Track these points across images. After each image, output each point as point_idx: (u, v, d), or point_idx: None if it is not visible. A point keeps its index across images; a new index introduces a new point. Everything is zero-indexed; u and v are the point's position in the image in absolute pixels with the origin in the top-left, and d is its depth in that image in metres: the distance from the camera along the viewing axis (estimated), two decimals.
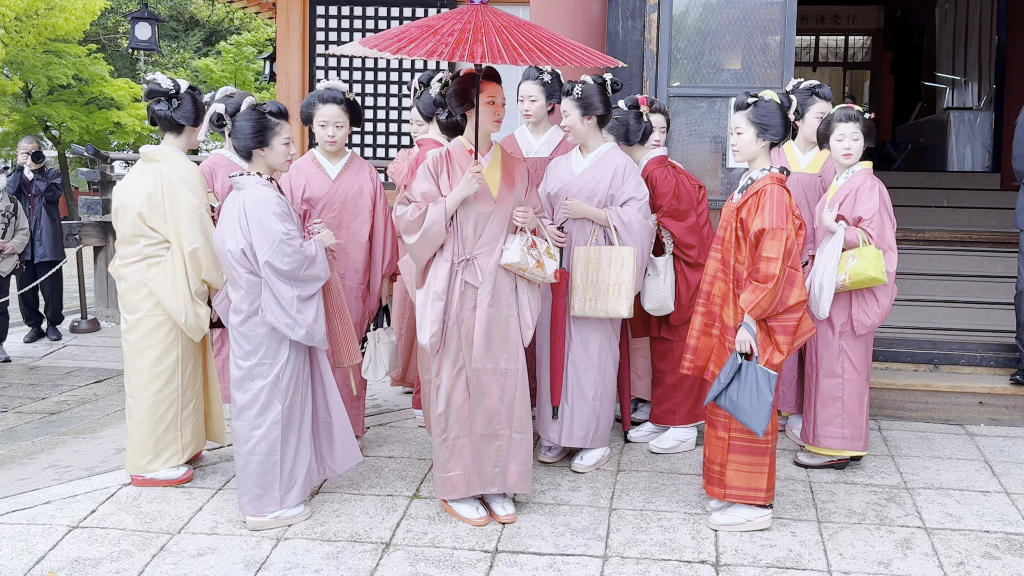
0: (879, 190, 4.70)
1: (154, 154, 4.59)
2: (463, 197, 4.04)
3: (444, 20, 3.81)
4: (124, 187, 4.57)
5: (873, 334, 4.84)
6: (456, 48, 3.60)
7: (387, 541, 4.00)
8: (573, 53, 3.82)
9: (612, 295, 4.52)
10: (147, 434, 4.53)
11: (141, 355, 4.53)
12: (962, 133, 11.13)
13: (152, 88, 4.56)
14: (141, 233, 4.48)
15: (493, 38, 3.66)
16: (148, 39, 12.22)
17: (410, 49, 3.64)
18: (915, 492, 4.59)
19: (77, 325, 9.80)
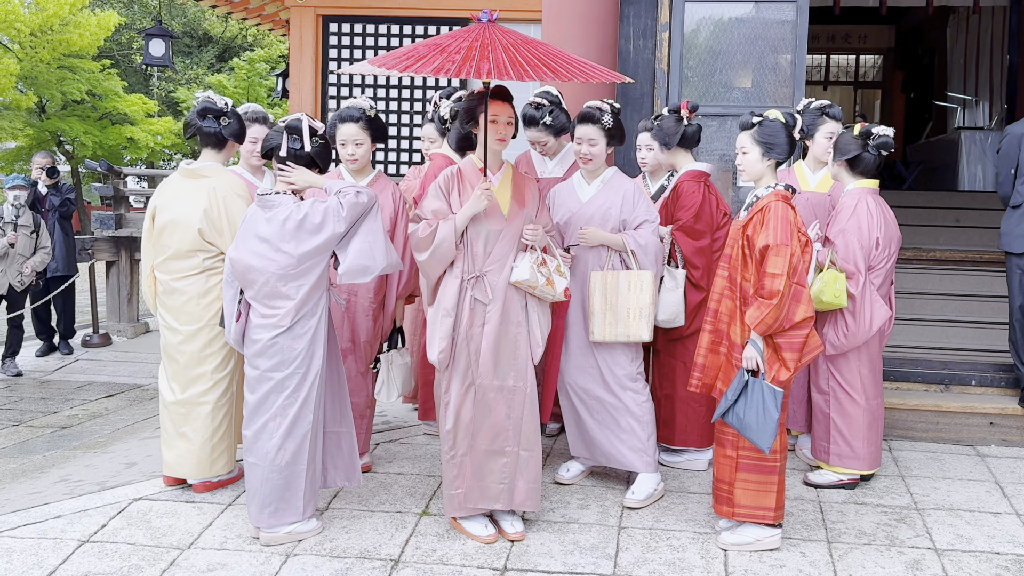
0: (857, 210, 4.73)
1: (201, 170, 4.68)
2: (472, 214, 4.06)
3: (452, 38, 3.85)
4: (169, 203, 4.66)
5: (871, 355, 4.84)
6: (463, 65, 3.64)
7: (396, 558, 4.01)
8: (579, 69, 3.85)
9: (633, 319, 4.49)
10: (206, 440, 4.64)
11: (201, 364, 4.62)
12: (973, 153, 11.12)
13: (207, 106, 4.67)
14: (200, 248, 4.58)
15: (500, 55, 3.69)
16: (162, 55, 12.31)
17: (417, 67, 3.69)
18: (925, 513, 4.58)
19: (89, 339, 9.85)
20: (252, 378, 4.15)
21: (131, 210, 10.75)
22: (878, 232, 4.71)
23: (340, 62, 9.08)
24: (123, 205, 10.50)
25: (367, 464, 4.99)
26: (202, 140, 4.70)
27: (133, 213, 10.63)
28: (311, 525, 4.19)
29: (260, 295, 4.09)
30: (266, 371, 4.10)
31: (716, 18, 6.15)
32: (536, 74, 3.66)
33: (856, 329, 4.70)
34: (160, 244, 4.67)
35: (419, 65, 3.70)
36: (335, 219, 4.01)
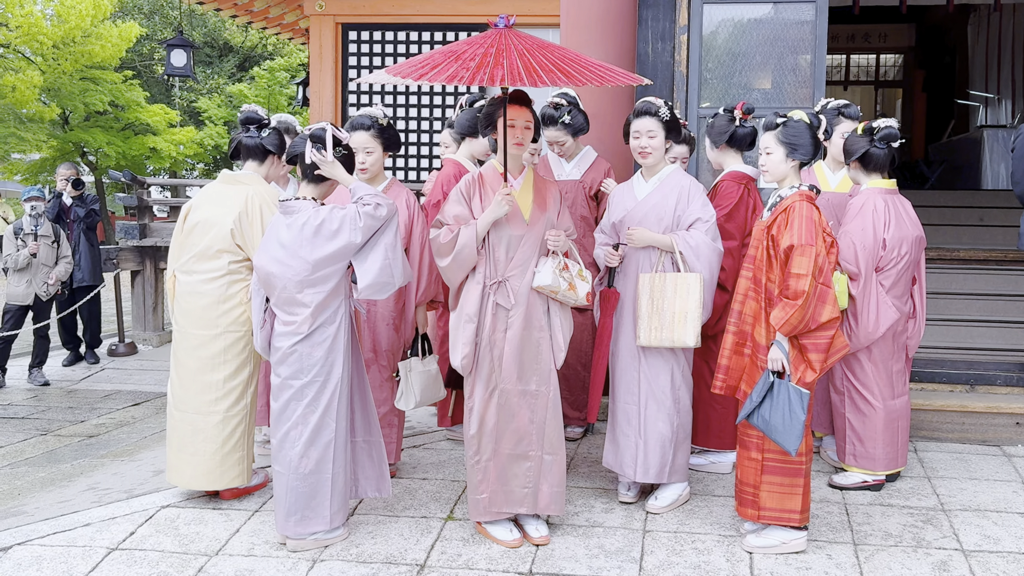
0: (863, 211, 4.75)
1: (241, 178, 4.73)
2: (494, 219, 4.08)
3: (468, 45, 3.87)
4: (202, 204, 4.69)
5: (884, 356, 4.82)
6: (477, 72, 3.67)
7: (422, 563, 4.03)
8: (595, 72, 3.85)
9: (678, 323, 4.38)
10: (216, 449, 4.61)
11: (214, 371, 4.60)
12: (996, 151, 11.04)
13: (250, 115, 4.76)
14: (228, 249, 4.59)
15: (514, 61, 3.70)
16: (184, 65, 12.41)
17: (432, 75, 3.71)
18: (952, 514, 4.55)
19: (115, 349, 9.93)
20: (275, 386, 4.19)
21: (155, 219, 10.84)
22: (885, 233, 4.69)
23: (360, 69, 9.13)
24: (147, 215, 10.58)
25: (393, 470, 5.00)
26: (244, 153, 4.76)
27: (157, 223, 10.71)
28: (338, 532, 4.22)
29: (280, 302, 4.12)
30: (286, 379, 4.13)
31: (735, 20, 6.14)
32: (550, 79, 3.67)
33: (859, 330, 4.70)
34: (188, 243, 4.67)
35: (434, 73, 3.73)
36: (352, 228, 4.03)
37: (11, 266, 8.55)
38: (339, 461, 4.17)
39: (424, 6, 8.92)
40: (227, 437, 4.63)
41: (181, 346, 4.68)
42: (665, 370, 4.54)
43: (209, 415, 4.61)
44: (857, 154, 4.76)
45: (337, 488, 4.17)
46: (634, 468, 4.57)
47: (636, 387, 4.56)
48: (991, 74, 12.40)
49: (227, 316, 4.59)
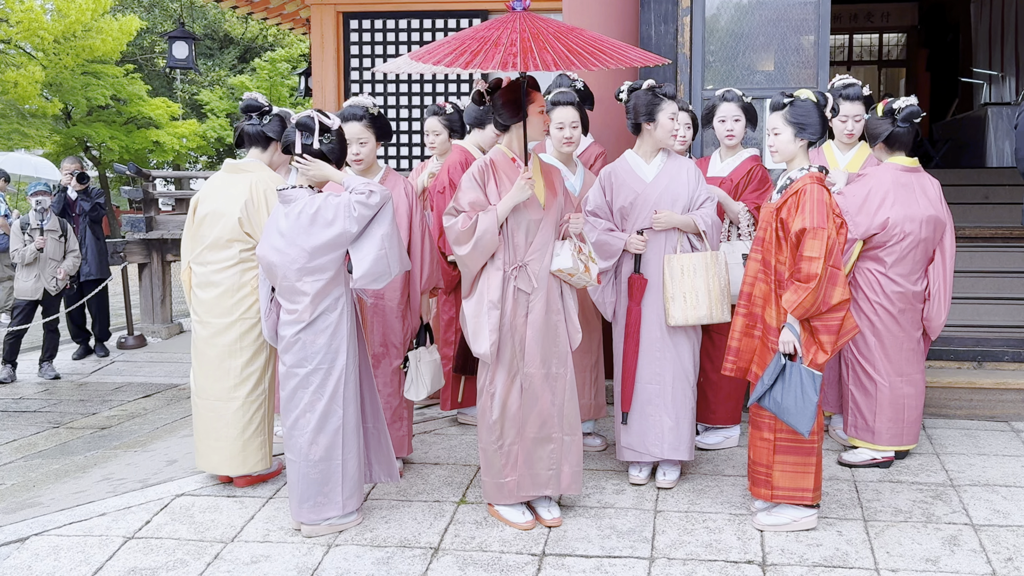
0: (863, 181, 4.88)
1: (244, 166, 4.77)
2: (514, 204, 4.07)
3: (491, 29, 3.82)
4: (210, 194, 4.73)
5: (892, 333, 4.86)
6: (526, 56, 3.64)
7: (435, 546, 4.06)
8: (620, 54, 3.87)
9: (715, 301, 4.50)
10: (237, 435, 4.68)
11: (232, 358, 4.67)
12: (1000, 128, 11.01)
13: (250, 103, 4.78)
14: (237, 238, 4.64)
15: (549, 44, 3.72)
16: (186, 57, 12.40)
17: (476, 61, 3.65)
18: (961, 489, 4.57)
19: (124, 341, 9.97)
20: (282, 374, 4.23)
21: (160, 212, 10.86)
22: (886, 210, 4.72)
23: (362, 58, 9.12)
24: (153, 208, 10.61)
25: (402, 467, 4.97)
26: (247, 141, 4.79)
27: (163, 216, 10.74)
28: (351, 517, 4.25)
29: (282, 290, 4.16)
30: (291, 367, 4.16)
31: (737, 1, 6.13)
32: (581, 62, 3.69)
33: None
34: (199, 235, 4.72)
35: (476, 60, 3.66)
36: (347, 216, 4.03)
37: (18, 261, 8.59)
38: (350, 447, 4.20)
39: None
40: (247, 423, 4.70)
41: (199, 335, 4.75)
42: (688, 348, 4.65)
43: (229, 402, 4.68)
44: (882, 136, 4.79)
45: (349, 473, 4.20)
46: (661, 447, 4.62)
47: (661, 367, 4.61)
48: (995, 52, 12.36)
49: (242, 304, 4.65)
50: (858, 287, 4.85)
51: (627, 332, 4.64)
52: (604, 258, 4.61)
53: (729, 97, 5.10)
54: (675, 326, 4.57)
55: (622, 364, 4.68)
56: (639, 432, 4.65)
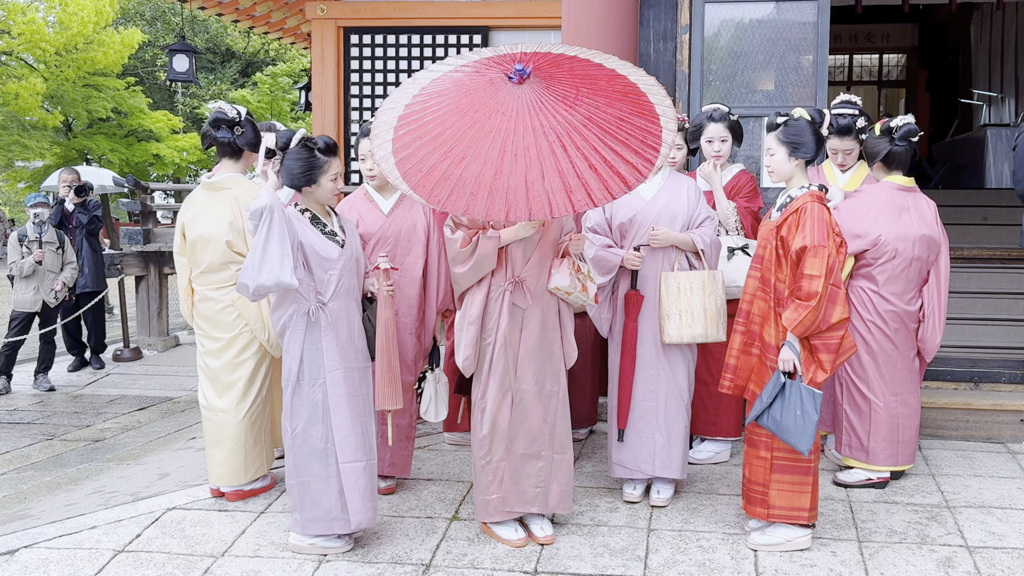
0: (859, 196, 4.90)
1: (223, 183, 4.75)
2: (518, 238, 4.05)
3: (480, 134, 3.53)
4: (196, 218, 4.74)
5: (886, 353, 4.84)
6: (489, 207, 3.43)
7: (427, 563, 4.03)
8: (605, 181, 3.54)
9: (710, 319, 4.48)
10: (240, 447, 4.71)
11: (234, 371, 4.72)
12: (999, 150, 11.01)
13: (218, 116, 4.71)
14: (230, 260, 4.67)
15: (520, 181, 3.44)
16: (186, 71, 12.42)
17: (442, 199, 3.48)
18: (956, 511, 4.55)
19: (120, 354, 9.94)
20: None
21: (159, 225, 10.85)
22: (877, 227, 4.71)
23: (362, 73, 9.13)
24: (151, 220, 10.60)
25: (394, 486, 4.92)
26: (219, 151, 4.76)
27: (161, 228, 10.72)
28: (337, 544, 4.15)
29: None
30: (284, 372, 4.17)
31: (736, 19, 6.14)
32: (575, 205, 3.46)
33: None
34: (194, 259, 4.77)
35: (445, 194, 3.48)
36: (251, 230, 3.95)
37: (16, 273, 8.58)
38: (313, 469, 4.08)
39: (426, 9, 8.93)
40: (249, 433, 4.74)
41: (205, 349, 4.79)
42: (683, 367, 4.63)
43: (235, 413, 4.71)
44: (880, 156, 4.79)
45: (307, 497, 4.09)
46: (652, 464, 4.60)
47: (655, 385, 4.60)
48: (994, 73, 12.38)
49: (242, 319, 4.70)
50: (852, 306, 4.84)
51: (623, 349, 4.63)
52: (601, 273, 4.59)
53: (716, 117, 5.09)
54: (670, 344, 4.55)
55: (618, 381, 4.65)
56: (631, 449, 4.63)
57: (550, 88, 3.62)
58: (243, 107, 4.81)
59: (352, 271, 4.15)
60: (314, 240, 4.04)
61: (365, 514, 4.10)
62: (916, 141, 4.81)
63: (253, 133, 4.75)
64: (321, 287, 4.06)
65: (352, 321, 4.14)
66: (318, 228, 4.11)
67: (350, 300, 4.15)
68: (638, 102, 3.73)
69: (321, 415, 4.07)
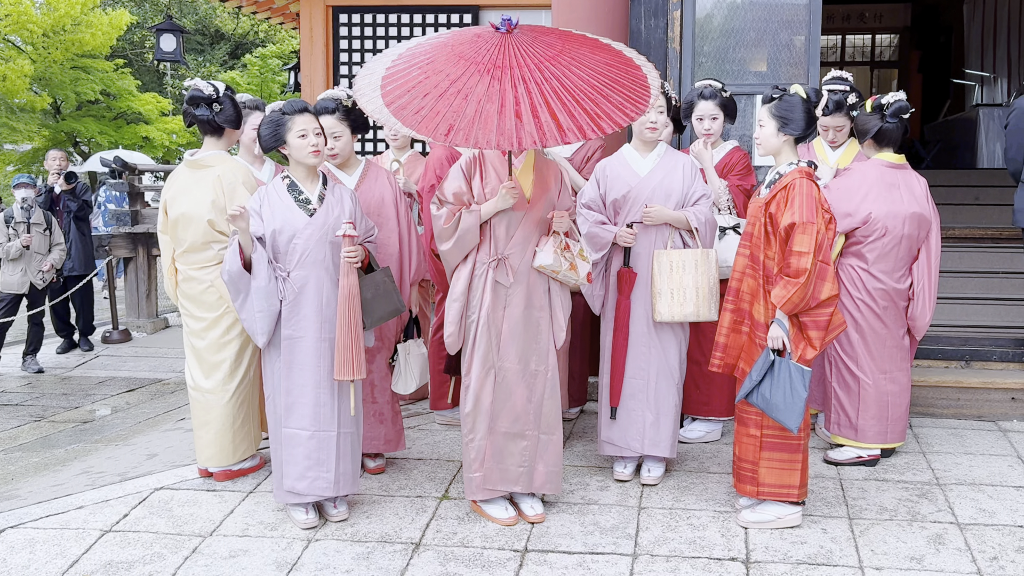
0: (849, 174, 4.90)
1: (206, 160, 4.68)
2: (497, 210, 4.02)
3: (465, 65, 3.60)
4: (178, 196, 4.68)
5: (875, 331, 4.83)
6: (471, 130, 3.44)
7: (417, 541, 4.01)
8: (595, 118, 3.57)
9: (702, 298, 4.45)
10: (228, 428, 4.68)
11: (221, 351, 4.67)
12: (992, 130, 11.00)
13: (194, 94, 4.63)
14: (213, 239, 4.62)
15: (508, 111, 3.47)
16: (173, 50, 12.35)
17: (421, 121, 3.50)
18: (947, 488, 4.54)
19: (109, 336, 9.89)
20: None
21: (147, 206, 10.79)
22: (868, 205, 4.69)
23: (351, 53, 9.05)
24: (139, 202, 10.54)
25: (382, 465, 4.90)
26: (200, 129, 4.69)
27: (149, 210, 10.66)
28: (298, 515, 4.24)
29: None
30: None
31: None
32: (541, 139, 3.45)
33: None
34: (177, 237, 4.71)
35: (426, 119, 3.51)
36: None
37: (3, 255, 8.52)
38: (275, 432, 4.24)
39: None
40: (236, 413, 4.70)
41: (191, 329, 4.74)
42: (674, 345, 4.60)
43: (221, 393, 4.67)
44: (871, 133, 4.77)
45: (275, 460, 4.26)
46: (641, 442, 4.59)
47: (646, 363, 4.57)
48: (987, 53, 12.35)
49: (225, 298, 4.61)
50: (841, 283, 4.81)
51: (616, 326, 4.60)
52: (594, 250, 4.57)
53: (707, 94, 5.04)
54: (662, 322, 4.53)
55: (610, 359, 4.63)
56: (621, 427, 4.62)
57: (537, 39, 3.75)
58: (222, 83, 4.71)
59: (324, 241, 4.12)
60: (277, 215, 4.10)
61: (298, 482, 4.13)
62: (907, 118, 4.79)
63: (233, 110, 4.66)
64: (283, 258, 4.09)
65: (323, 291, 4.13)
66: (293, 195, 4.12)
67: (320, 270, 4.13)
68: (620, 57, 3.89)
69: (280, 382, 4.15)
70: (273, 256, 4.10)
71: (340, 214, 4.15)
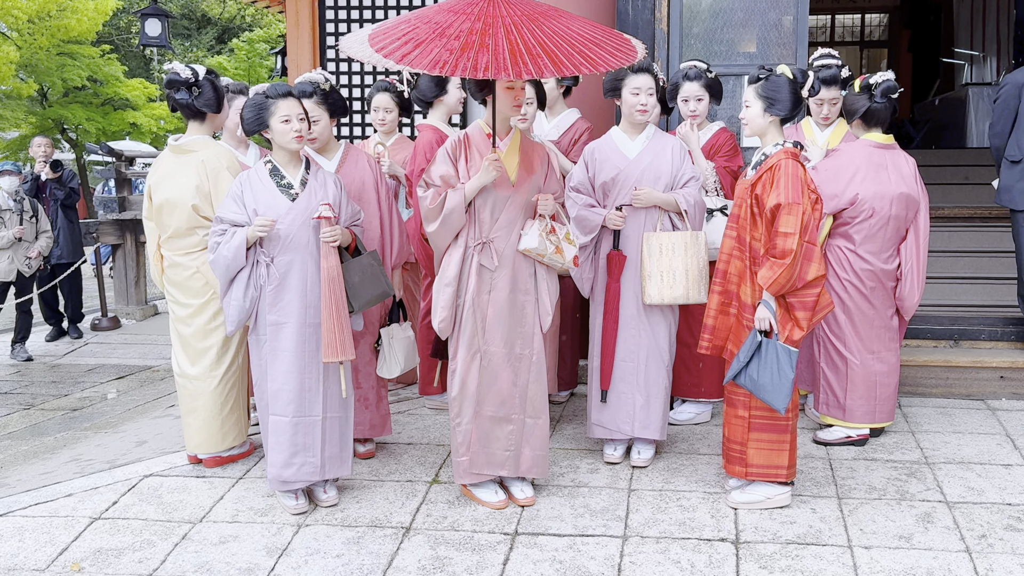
0: (837, 155, 4.89)
1: (190, 145, 4.64)
2: (481, 185, 4.00)
3: (454, 15, 3.64)
4: (162, 182, 4.64)
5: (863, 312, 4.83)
6: (460, 57, 3.46)
7: (407, 525, 4.01)
8: (587, 56, 3.60)
9: (692, 281, 4.44)
10: (216, 414, 4.67)
11: (207, 337, 4.65)
12: (981, 109, 11.00)
13: (171, 78, 4.59)
14: (197, 225, 4.59)
15: (500, 42, 3.50)
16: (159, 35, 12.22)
17: (416, 58, 3.51)
18: (936, 467, 4.56)
19: (98, 323, 9.86)
20: None
21: (134, 193, 10.73)
22: (856, 186, 4.68)
23: (338, 36, 9.00)
24: (126, 188, 10.48)
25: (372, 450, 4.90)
26: (182, 113, 4.64)
27: (137, 196, 10.60)
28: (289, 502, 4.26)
29: None
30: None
31: None
32: (536, 69, 3.45)
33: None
34: (161, 223, 4.68)
35: (417, 55, 3.52)
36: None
37: None
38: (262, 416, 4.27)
39: None
40: (224, 400, 4.69)
41: (177, 316, 4.72)
42: (664, 328, 4.60)
43: (208, 380, 4.65)
44: (859, 112, 4.76)
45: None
46: (632, 425, 4.59)
47: (636, 346, 4.57)
48: (976, 32, 12.34)
49: (211, 285, 4.60)
50: (828, 264, 4.82)
51: (606, 309, 4.60)
52: (583, 233, 4.56)
53: (692, 75, 5.00)
54: (651, 305, 4.52)
55: (601, 341, 4.62)
56: (610, 409, 4.62)
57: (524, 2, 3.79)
58: (202, 67, 4.66)
59: (306, 225, 4.10)
60: (260, 200, 4.09)
61: (284, 470, 4.14)
62: (896, 98, 4.78)
63: (212, 93, 4.61)
64: (266, 243, 4.08)
65: (307, 275, 4.12)
66: (275, 180, 4.10)
67: (305, 255, 4.11)
68: (606, 27, 3.94)
69: (266, 368, 4.15)
70: (257, 242, 4.08)
71: (323, 198, 4.13)
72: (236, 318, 4.12)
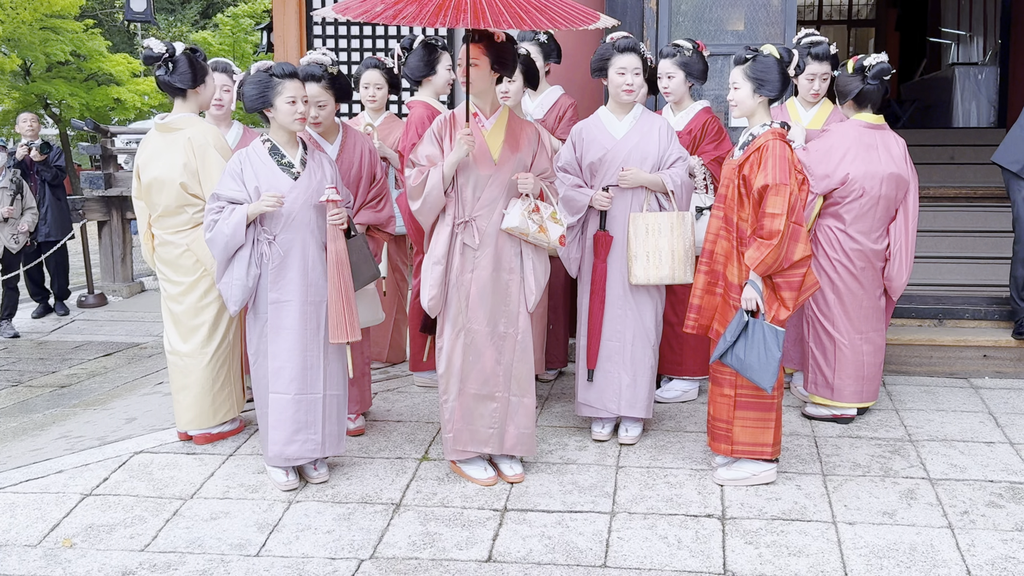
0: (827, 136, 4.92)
1: (175, 123, 4.61)
2: (456, 161, 4.00)
3: None
4: (149, 161, 4.63)
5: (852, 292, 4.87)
6: (438, 14, 3.49)
7: (397, 502, 4.05)
8: (563, 14, 3.70)
9: (678, 261, 4.46)
10: (207, 391, 4.69)
11: (198, 315, 4.66)
12: (967, 89, 11.04)
13: (147, 54, 4.56)
14: (187, 203, 4.58)
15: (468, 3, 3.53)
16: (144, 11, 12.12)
17: (393, 16, 3.53)
18: (919, 444, 4.62)
19: (84, 300, 9.83)
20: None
21: (120, 169, 10.67)
22: (846, 166, 4.71)
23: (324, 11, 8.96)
24: (112, 164, 10.43)
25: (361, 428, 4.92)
26: (166, 91, 4.62)
27: (123, 172, 10.55)
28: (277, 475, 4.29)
29: None
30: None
31: None
32: (515, 21, 3.51)
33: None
34: (151, 202, 4.68)
35: (392, 14, 3.54)
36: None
37: None
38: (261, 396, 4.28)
39: None
40: (215, 377, 4.70)
41: (168, 294, 4.73)
42: (650, 307, 4.62)
43: (199, 357, 4.67)
44: (852, 94, 4.78)
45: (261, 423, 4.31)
46: (618, 403, 4.62)
47: (622, 326, 4.59)
48: (963, 11, 12.37)
49: (202, 262, 4.61)
50: (818, 244, 4.85)
51: (592, 289, 4.62)
52: (570, 213, 4.56)
53: (666, 53, 4.99)
54: (637, 285, 4.54)
55: (587, 321, 4.65)
56: (597, 388, 4.65)
57: None
58: (181, 44, 4.63)
59: (308, 204, 4.11)
60: (261, 178, 4.08)
61: (287, 447, 4.16)
62: (888, 80, 4.80)
63: (189, 69, 4.54)
64: (268, 221, 4.08)
65: (308, 254, 4.13)
66: (275, 159, 4.09)
67: (306, 233, 4.13)
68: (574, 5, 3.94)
69: (266, 346, 4.16)
70: (258, 220, 4.09)
71: (323, 179, 4.15)
72: (240, 297, 4.11)
